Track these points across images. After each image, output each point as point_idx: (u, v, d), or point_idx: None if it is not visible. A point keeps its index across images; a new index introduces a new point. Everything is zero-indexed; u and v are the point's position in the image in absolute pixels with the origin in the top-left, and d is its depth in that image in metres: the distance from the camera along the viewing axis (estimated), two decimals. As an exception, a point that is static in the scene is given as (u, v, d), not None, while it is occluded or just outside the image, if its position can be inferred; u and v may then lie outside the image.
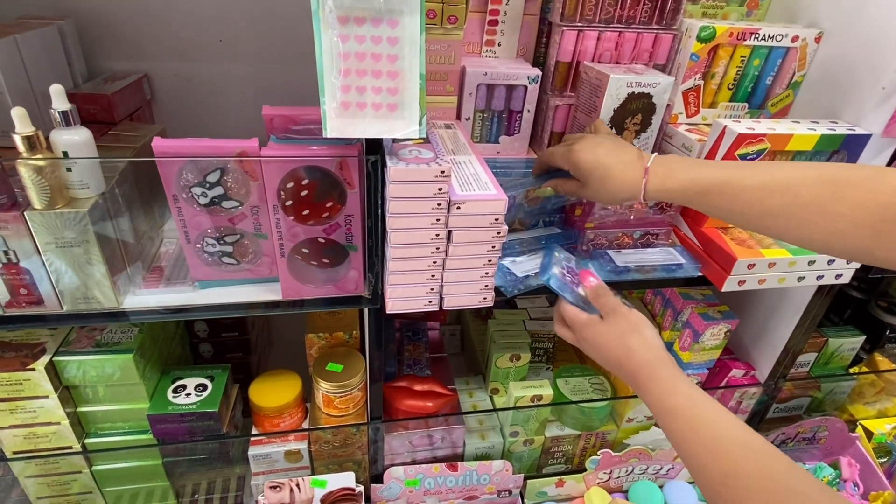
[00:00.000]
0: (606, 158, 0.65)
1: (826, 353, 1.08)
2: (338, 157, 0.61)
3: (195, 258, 0.69)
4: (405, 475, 0.96)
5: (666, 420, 0.55)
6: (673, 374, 0.57)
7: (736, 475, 0.47)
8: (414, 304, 0.71)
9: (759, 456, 0.47)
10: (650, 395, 0.57)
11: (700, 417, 0.52)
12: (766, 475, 0.46)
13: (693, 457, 0.51)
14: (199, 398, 0.83)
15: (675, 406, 0.54)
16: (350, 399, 0.89)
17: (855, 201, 0.51)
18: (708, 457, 0.50)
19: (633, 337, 0.61)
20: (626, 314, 0.64)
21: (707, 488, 0.50)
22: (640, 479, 1.08)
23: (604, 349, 0.63)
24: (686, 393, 0.55)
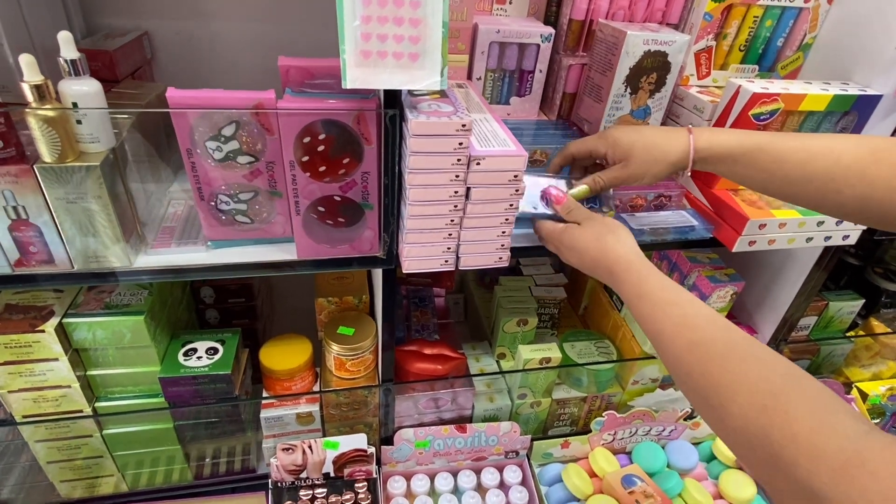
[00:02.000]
0: (648, 131, 0.67)
1: (826, 317, 1.10)
2: (357, 110, 0.60)
3: (209, 216, 0.67)
4: (415, 437, 0.97)
5: (639, 305, 0.56)
6: (647, 266, 0.59)
7: (700, 342, 0.49)
8: (430, 264, 0.71)
9: (721, 326, 0.49)
10: (625, 284, 0.58)
11: (670, 299, 0.54)
12: (728, 340, 0.48)
13: (661, 333, 0.53)
14: (211, 361, 0.82)
15: (647, 291, 0.56)
16: (362, 362, 0.89)
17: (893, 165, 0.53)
18: (675, 329, 0.51)
19: (609, 236, 0.62)
20: (602, 219, 0.65)
21: (673, 359, 0.51)
22: (644, 440, 1.10)
23: (581, 251, 0.64)
24: (659, 280, 0.57)
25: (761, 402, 0.41)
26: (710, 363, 0.47)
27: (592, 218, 0.66)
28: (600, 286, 1.15)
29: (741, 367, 0.45)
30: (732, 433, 0.44)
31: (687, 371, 0.49)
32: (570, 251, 0.66)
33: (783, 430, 0.39)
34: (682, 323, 0.51)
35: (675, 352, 0.51)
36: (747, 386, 0.43)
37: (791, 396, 0.40)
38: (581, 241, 0.64)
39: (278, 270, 0.72)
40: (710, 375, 0.46)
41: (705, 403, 0.47)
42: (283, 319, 1.21)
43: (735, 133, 0.64)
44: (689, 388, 0.49)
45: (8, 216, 0.60)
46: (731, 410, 0.43)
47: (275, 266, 0.71)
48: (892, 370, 1.25)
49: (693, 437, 1.13)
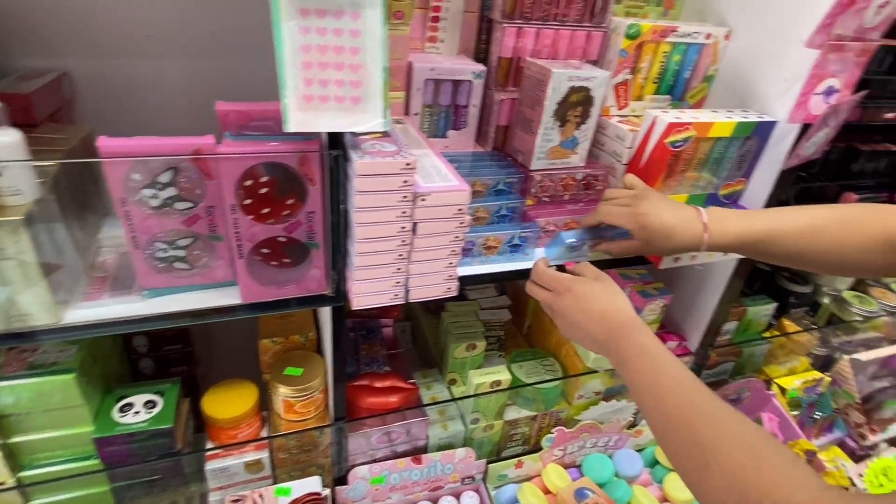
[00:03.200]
0: (671, 219, 0.74)
1: (745, 321, 1.19)
2: (300, 152, 0.60)
3: (144, 265, 0.65)
4: (370, 473, 0.95)
5: (638, 362, 0.61)
6: (647, 328, 0.65)
7: (691, 402, 0.55)
8: (380, 299, 0.72)
9: (707, 393, 0.56)
10: (630, 339, 0.63)
11: (669, 360, 0.60)
12: (711, 403, 0.54)
13: (657, 388, 0.58)
14: (150, 415, 0.78)
15: (651, 350, 0.61)
16: (311, 402, 0.87)
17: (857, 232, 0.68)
18: (670, 388, 0.57)
19: (620, 295, 0.68)
20: (609, 279, 0.71)
21: (663, 416, 0.56)
22: (592, 451, 1.14)
23: (593, 302, 0.68)
24: (658, 342, 0.63)
25: (741, 461, 0.48)
26: (697, 421, 0.52)
27: (605, 276, 0.71)
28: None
29: (723, 427, 0.51)
30: (713, 492, 0.49)
31: (675, 428, 0.54)
32: (578, 299, 0.69)
33: (759, 487, 0.45)
34: (678, 383, 0.57)
35: (666, 409, 0.55)
36: (728, 446, 0.49)
37: (765, 453, 0.48)
38: (595, 293, 0.68)
39: (222, 316, 0.70)
40: (696, 435, 0.51)
41: (689, 460, 0.52)
42: (224, 363, 1.16)
43: (744, 221, 0.74)
44: (675, 444, 0.54)
45: (-85, 279, 0.55)
46: (714, 470, 0.49)
47: (218, 312, 0.69)
48: (804, 364, 1.37)
49: (636, 444, 1.18)
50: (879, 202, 1.09)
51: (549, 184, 0.89)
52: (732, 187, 0.97)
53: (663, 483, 1.12)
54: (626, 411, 1.13)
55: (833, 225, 0.69)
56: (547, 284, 0.73)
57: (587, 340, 0.69)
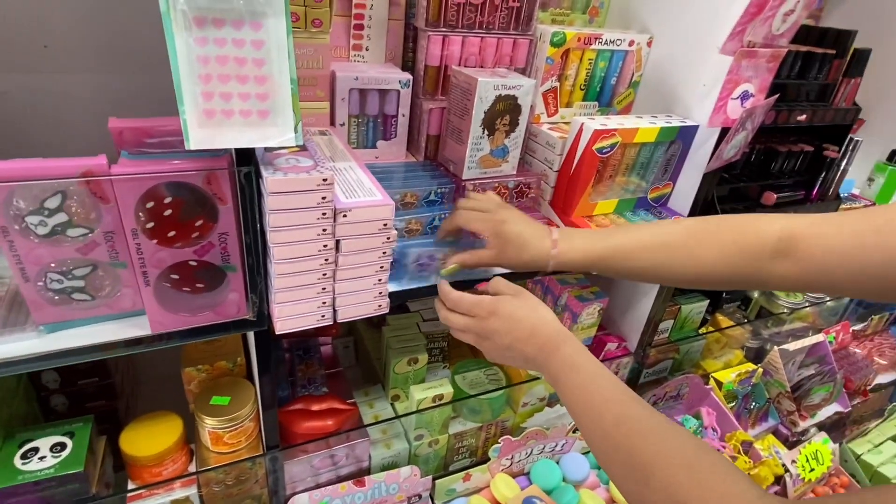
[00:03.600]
0: (525, 230, 0.72)
1: (680, 319, 1.23)
2: (204, 170, 0.56)
3: (37, 298, 0.59)
4: (311, 501, 0.91)
5: (570, 376, 0.60)
6: (578, 341, 0.64)
7: (627, 417, 0.54)
8: (306, 321, 0.68)
9: (643, 404, 0.56)
10: (559, 355, 0.62)
11: (600, 373, 0.59)
12: (649, 417, 0.54)
13: (590, 405, 0.57)
14: (58, 459, 0.71)
15: (581, 364, 0.60)
16: (242, 432, 0.82)
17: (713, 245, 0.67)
18: (604, 404, 0.56)
19: (543, 308, 0.66)
20: (530, 294, 0.68)
21: (600, 433, 0.55)
22: (539, 458, 1.14)
23: (519, 319, 0.65)
24: (588, 355, 0.62)
25: (679, 478, 0.48)
26: (635, 439, 0.52)
27: (523, 291, 0.68)
28: (484, 314, 1.18)
29: (662, 443, 0.51)
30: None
31: (614, 445, 0.53)
32: (504, 320, 0.65)
33: (699, 500, 0.46)
34: (611, 398, 0.56)
35: (603, 426, 0.55)
36: (667, 462, 0.49)
37: (703, 467, 0.48)
38: (521, 311, 0.65)
39: (130, 349, 0.64)
40: (636, 451, 0.51)
41: (629, 477, 0.51)
42: (148, 393, 1.09)
43: (590, 239, 0.73)
44: (614, 461, 0.53)
45: None
46: (652, 485, 0.49)
47: (126, 345, 0.64)
48: (738, 357, 1.42)
49: (582, 447, 1.19)
50: (797, 200, 1.15)
51: (480, 191, 0.88)
52: (660, 190, 0.99)
53: (610, 485, 1.13)
54: (568, 416, 1.14)
55: (686, 239, 0.69)
56: (467, 311, 0.69)
57: (519, 361, 0.67)
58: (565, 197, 0.92)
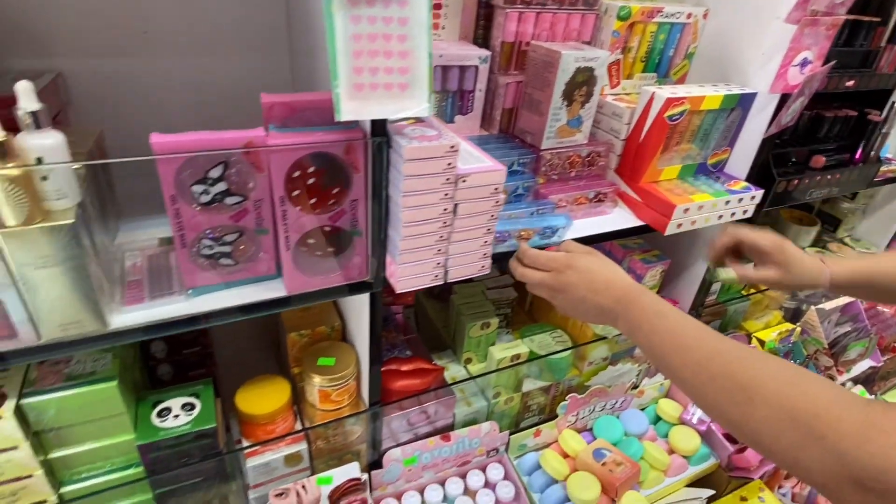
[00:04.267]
0: (804, 257, 0.80)
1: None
2: (349, 140, 0.61)
3: (189, 264, 0.64)
4: (403, 455, 0.98)
5: (655, 322, 0.63)
6: (654, 294, 0.68)
7: (720, 350, 0.57)
8: (421, 281, 0.74)
9: (728, 339, 0.59)
10: (641, 304, 0.65)
11: (684, 316, 0.63)
12: (739, 347, 0.57)
13: (682, 344, 0.60)
14: (191, 417, 0.77)
15: (665, 310, 0.64)
16: (346, 390, 0.88)
17: None
18: (696, 341, 0.59)
19: (615, 266, 0.72)
20: (601, 253, 0.74)
21: (693, 366, 0.58)
22: (601, 415, 1.21)
23: (596, 273, 0.69)
24: (668, 304, 0.66)
25: (784, 391, 0.50)
26: (732, 365, 0.54)
27: (592, 250, 0.73)
28: (544, 282, 1.24)
29: (760, 366, 0.54)
30: (759, 423, 0.51)
31: (710, 376, 0.56)
32: (581, 273, 0.69)
33: (807, 410, 0.47)
34: (702, 336, 0.59)
35: (697, 360, 0.57)
36: (769, 380, 0.52)
37: (805, 382, 0.50)
38: (595, 265, 0.70)
39: (267, 310, 0.70)
40: (734, 376, 0.54)
41: (730, 400, 0.54)
42: (238, 363, 1.15)
43: (853, 260, 0.80)
44: (711, 390, 0.56)
45: (-37, 293, 0.53)
46: (758, 403, 0.51)
47: (264, 306, 0.69)
48: (776, 318, 1.49)
49: (640, 404, 1.26)
50: (843, 163, 1.20)
51: (557, 162, 0.93)
52: (719, 156, 1.05)
53: (669, 437, 1.20)
54: (630, 374, 1.20)
55: None
56: (543, 265, 0.73)
57: (592, 313, 0.70)
58: (633, 164, 0.97)
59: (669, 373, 0.62)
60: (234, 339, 1.16)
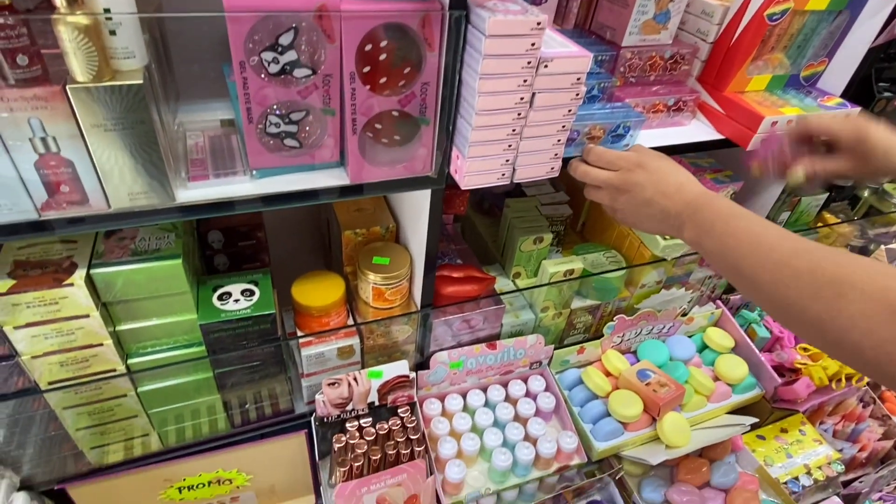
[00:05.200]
0: (889, 135, 0.69)
1: (797, 211, 1.21)
2: (425, 10, 0.56)
3: (255, 142, 0.62)
4: (449, 358, 0.99)
5: (732, 223, 0.60)
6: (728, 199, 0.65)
7: (804, 248, 0.53)
8: (488, 179, 0.70)
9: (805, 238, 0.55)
10: (714, 207, 0.62)
11: (763, 219, 0.60)
12: (822, 246, 0.53)
13: (761, 243, 0.56)
14: (251, 302, 0.78)
15: (740, 212, 0.61)
16: (399, 290, 0.88)
17: None
18: (777, 239, 0.55)
19: (685, 170, 0.69)
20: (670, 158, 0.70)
21: (773, 264, 0.54)
22: (646, 339, 1.19)
23: (665, 174, 0.67)
24: (742, 208, 0.62)
25: (883, 283, 0.46)
26: (821, 262, 0.51)
27: (662, 154, 0.70)
28: (600, 200, 1.19)
29: (850, 261, 0.50)
30: (852, 318, 0.47)
31: (793, 273, 0.52)
32: (651, 173, 0.67)
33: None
34: (783, 236, 0.55)
35: (779, 259, 0.54)
36: (863, 274, 0.48)
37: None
38: (668, 167, 0.67)
39: (329, 197, 0.68)
40: (823, 271, 0.50)
41: (818, 296, 0.50)
42: (285, 263, 1.16)
43: None
44: (794, 288, 0.52)
45: (35, 150, 0.52)
46: (852, 297, 0.47)
47: (326, 192, 0.67)
48: (841, 255, 1.41)
49: (687, 331, 1.24)
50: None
51: (637, 62, 0.86)
52: (814, 68, 0.95)
53: (715, 365, 1.18)
54: (681, 300, 1.17)
55: None
56: (610, 163, 0.71)
57: (655, 219, 0.68)
58: (719, 70, 0.89)
59: (742, 277, 0.58)
60: (286, 238, 1.16)
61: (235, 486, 0.97)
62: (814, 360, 1.20)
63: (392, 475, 0.87)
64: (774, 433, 1.23)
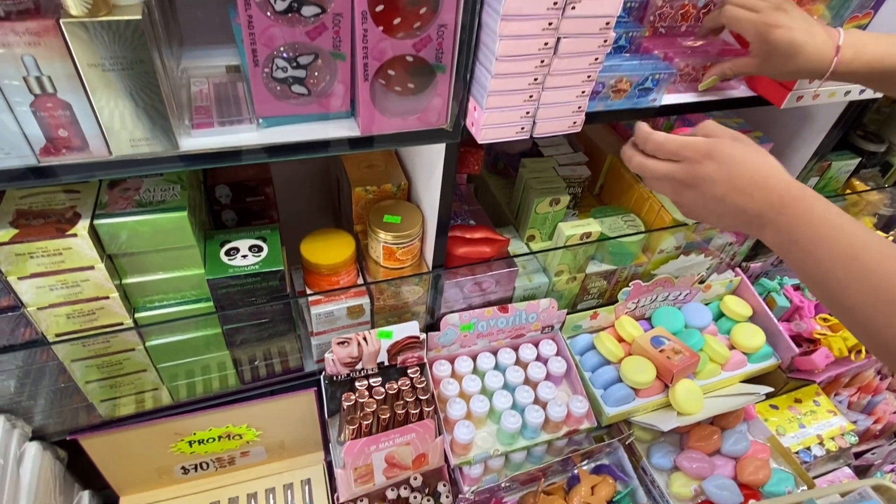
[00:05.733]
0: (800, 37, 0.65)
1: (826, 177, 1.16)
2: (445, -57, 0.52)
3: (262, 88, 0.59)
4: (460, 321, 0.97)
5: (830, 218, 0.51)
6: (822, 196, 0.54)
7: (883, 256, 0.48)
8: (505, 132, 0.67)
9: None
10: (802, 211, 0.52)
11: (860, 226, 0.52)
12: None
13: (866, 244, 0.50)
14: (259, 258, 0.76)
15: (838, 221, 0.51)
16: (410, 250, 0.86)
17: None
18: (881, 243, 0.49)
19: (771, 157, 0.57)
20: (750, 140, 0.59)
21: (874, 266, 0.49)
22: (662, 305, 1.17)
23: (741, 165, 0.55)
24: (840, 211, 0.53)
25: None
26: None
27: (740, 135, 0.59)
28: (620, 162, 1.15)
29: None
30: None
31: None
32: (724, 165, 0.56)
33: None
34: (887, 252, 0.48)
35: (878, 283, 0.48)
36: None
37: None
38: (745, 156, 0.55)
39: (339, 149, 0.65)
40: None
41: None
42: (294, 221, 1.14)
43: (880, 47, 0.64)
44: None
45: (31, 90, 0.49)
46: None
47: (336, 144, 0.64)
48: (868, 224, 1.36)
49: (704, 298, 1.21)
50: None
51: (668, 11, 0.80)
52: (858, 20, 0.88)
53: (731, 334, 1.16)
54: (700, 266, 1.14)
55: None
56: (673, 153, 0.59)
57: (730, 216, 0.57)
58: (755, 22, 0.83)
59: (833, 297, 0.51)
60: (296, 196, 1.14)
61: (245, 442, 0.98)
62: (834, 330, 1.17)
63: (401, 434, 0.87)
64: (788, 403, 1.22)
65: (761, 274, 1.27)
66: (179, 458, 0.95)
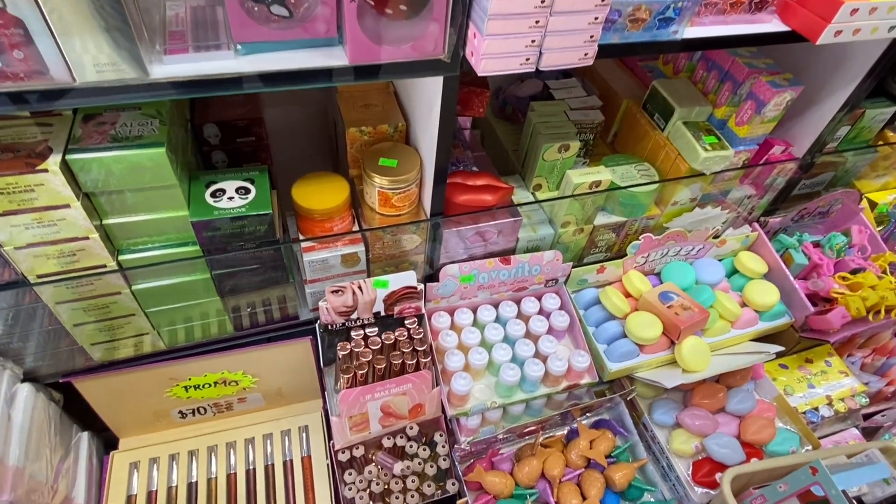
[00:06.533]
0: None
1: (858, 126, 1.08)
2: None
3: (237, 9, 0.53)
4: (460, 272, 0.93)
5: None
6: None
7: None
8: (509, 64, 0.61)
9: None
10: None
11: None
12: None
13: None
14: (246, 201, 0.72)
15: None
16: (407, 196, 0.81)
17: None
18: None
19: None
20: None
21: None
22: (672, 260, 1.12)
23: None
24: None
25: None
26: None
27: None
28: (636, 107, 1.07)
29: None
30: None
31: None
32: None
33: None
34: None
35: None
36: None
37: None
38: None
39: (325, 80, 0.60)
40: None
41: None
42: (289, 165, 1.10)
43: None
44: None
45: (-25, 3, 0.44)
46: None
47: (321, 74, 0.59)
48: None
49: (717, 254, 1.16)
50: None
51: (697, -69, 0.71)
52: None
53: (744, 291, 1.11)
54: (715, 220, 1.08)
55: None
56: None
57: None
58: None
59: None
60: (291, 141, 1.09)
61: (241, 388, 0.97)
62: (852, 289, 1.12)
63: (397, 384, 0.85)
64: (798, 363, 1.18)
65: (780, 229, 1.21)
66: (176, 403, 0.95)
